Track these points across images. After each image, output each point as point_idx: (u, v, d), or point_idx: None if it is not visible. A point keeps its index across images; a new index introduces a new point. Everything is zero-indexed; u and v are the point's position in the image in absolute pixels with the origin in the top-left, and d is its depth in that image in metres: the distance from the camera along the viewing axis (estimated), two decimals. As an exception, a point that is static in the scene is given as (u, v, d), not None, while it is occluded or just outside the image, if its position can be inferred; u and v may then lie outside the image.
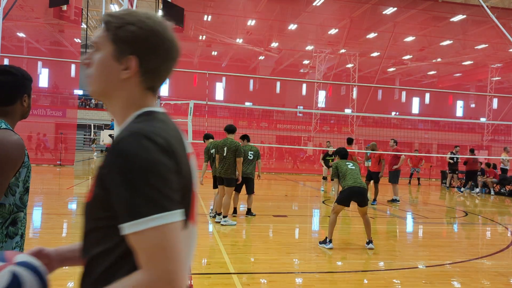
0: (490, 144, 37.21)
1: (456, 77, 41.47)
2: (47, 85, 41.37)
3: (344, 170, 6.59)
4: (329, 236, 6.36)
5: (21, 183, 1.92)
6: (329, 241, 6.32)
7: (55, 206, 9.36)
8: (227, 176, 7.66)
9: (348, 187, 6.38)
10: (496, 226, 9.47)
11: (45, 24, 31.49)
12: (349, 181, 6.41)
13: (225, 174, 7.66)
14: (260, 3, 25.77)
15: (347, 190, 6.39)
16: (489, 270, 5.68)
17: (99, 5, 27.69)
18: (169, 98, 36.93)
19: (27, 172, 1.95)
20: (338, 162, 6.80)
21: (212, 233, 7.21)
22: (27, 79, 2.01)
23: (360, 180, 6.48)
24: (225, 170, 7.63)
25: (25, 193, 1.96)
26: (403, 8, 25.44)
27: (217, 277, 4.80)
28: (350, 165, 6.66)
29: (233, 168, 7.65)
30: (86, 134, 34.84)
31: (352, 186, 6.35)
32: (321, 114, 35.10)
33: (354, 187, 6.34)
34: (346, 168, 6.60)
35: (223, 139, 7.87)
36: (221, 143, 7.81)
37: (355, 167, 6.65)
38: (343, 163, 6.73)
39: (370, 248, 6.32)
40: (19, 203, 1.93)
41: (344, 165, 6.67)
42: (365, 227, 6.50)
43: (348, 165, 6.68)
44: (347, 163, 6.73)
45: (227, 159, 7.63)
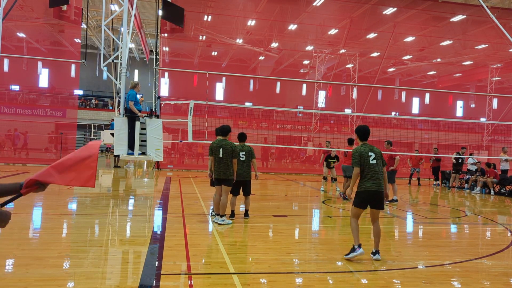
0: (490, 144, 37.22)
1: (456, 77, 41.48)
2: (47, 85, 41.36)
3: (365, 164, 5.66)
4: (355, 242, 5.70)
5: None
6: (358, 246, 5.65)
7: (55, 206, 9.36)
8: (226, 177, 7.64)
9: (365, 189, 5.64)
10: (496, 226, 9.47)
11: (45, 24, 31.50)
12: (367, 182, 5.63)
13: (224, 176, 7.62)
14: (260, 3, 25.77)
15: (364, 192, 5.65)
16: (489, 270, 5.68)
17: (99, 5, 27.69)
18: (169, 98, 36.96)
19: None
20: (360, 148, 5.78)
21: (212, 233, 7.21)
22: None
23: (380, 180, 5.68)
24: (224, 172, 7.61)
25: None
26: (403, 8, 25.45)
27: (217, 277, 4.80)
28: (372, 158, 5.69)
29: (231, 169, 7.65)
30: (86, 134, 34.82)
31: (370, 188, 5.60)
32: (321, 114, 35.10)
33: (370, 190, 5.60)
34: (368, 162, 5.66)
35: (218, 140, 7.80)
36: (216, 144, 7.71)
37: (376, 161, 5.71)
38: (366, 152, 5.70)
39: (376, 259, 5.67)
40: None
41: (366, 156, 5.69)
42: (374, 235, 5.81)
43: (370, 157, 5.69)
44: (370, 154, 5.69)
45: (223, 160, 7.59)
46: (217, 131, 8.03)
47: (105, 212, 9.11)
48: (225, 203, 7.76)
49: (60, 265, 4.99)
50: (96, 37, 33.40)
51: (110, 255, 5.66)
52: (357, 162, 5.65)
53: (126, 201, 11.00)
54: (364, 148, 5.74)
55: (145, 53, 25.38)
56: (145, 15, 27.55)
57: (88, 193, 12.28)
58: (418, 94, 49.06)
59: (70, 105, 37.21)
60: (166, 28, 20.46)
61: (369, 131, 5.87)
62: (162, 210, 9.37)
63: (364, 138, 5.86)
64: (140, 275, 4.72)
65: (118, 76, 13.65)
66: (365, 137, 5.86)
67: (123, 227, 7.63)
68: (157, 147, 10.66)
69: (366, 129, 5.88)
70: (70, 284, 4.45)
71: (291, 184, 17.75)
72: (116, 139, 10.64)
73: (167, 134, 27.26)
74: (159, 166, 21.69)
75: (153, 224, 8.14)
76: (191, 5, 24.78)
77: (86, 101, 39.16)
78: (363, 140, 5.87)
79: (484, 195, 16.15)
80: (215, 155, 7.67)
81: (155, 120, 10.83)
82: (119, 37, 16.39)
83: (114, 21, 19.57)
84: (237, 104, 34.58)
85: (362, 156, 5.66)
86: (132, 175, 18.76)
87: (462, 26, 27.55)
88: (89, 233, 7.01)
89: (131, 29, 14.92)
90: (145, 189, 14.48)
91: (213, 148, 7.70)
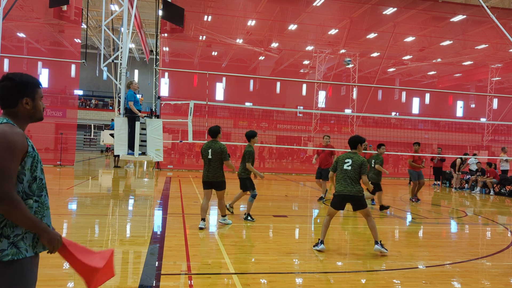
0: (490, 144, 37.24)
1: (456, 77, 41.50)
2: (47, 85, 41.36)
3: (340, 169, 6.27)
4: (321, 237, 6.23)
5: (28, 172, 2.18)
6: (321, 242, 6.15)
7: (55, 206, 9.36)
8: (217, 180, 7.36)
9: (338, 192, 6.18)
10: (496, 226, 9.47)
11: (45, 24, 31.51)
12: (340, 185, 6.17)
13: (213, 178, 7.34)
14: (260, 3, 25.77)
15: (337, 196, 6.20)
16: (489, 270, 5.68)
17: (99, 5, 27.69)
18: (169, 98, 36.98)
19: (33, 161, 2.21)
20: (340, 156, 6.41)
21: (212, 233, 7.21)
22: (27, 84, 2.25)
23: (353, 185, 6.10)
24: (213, 174, 7.33)
25: (33, 182, 2.20)
26: (403, 8, 25.46)
27: (217, 277, 4.80)
28: (347, 164, 6.22)
29: (221, 171, 7.36)
30: (86, 134, 34.84)
31: (342, 192, 6.12)
32: (321, 114, 35.11)
33: (344, 194, 6.11)
34: (342, 168, 6.24)
35: (208, 141, 7.51)
36: (206, 146, 7.43)
37: (351, 168, 6.17)
38: (343, 158, 6.30)
39: (377, 250, 6.02)
40: (27, 191, 2.17)
41: (342, 162, 6.28)
42: (370, 229, 6.22)
43: (346, 163, 6.23)
44: (347, 160, 6.26)
45: (212, 162, 7.30)
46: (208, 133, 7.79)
47: (105, 212, 9.11)
48: (223, 204, 7.66)
49: (60, 265, 4.99)
50: (96, 37, 33.40)
51: (110, 255, 5.65)
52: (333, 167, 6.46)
53: (126, 201, 11.00)
54: (342, 157, 6.35)
55: (145, 53, 25.38)
56: (145, 15, 27.55)
57: (88, 193, 12.29)
58: (418, 94, 49.08)
59: (70, 105, 37.22)
60: (166, 28, 20.45)
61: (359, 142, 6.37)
62: (162, 210, 9.37)
63: (354, 148, 6.38)
64: (140, 275, 4.72)
65: (118, 76, 13.66)
66: (354, 147, 6.37)
67: (123, 227, 7.63)
68: (157, 147, 10.66)
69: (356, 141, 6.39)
70: (70, 284, 4.45)
71: (291, 184, 17.75)
72: (116, 139, 10.65)
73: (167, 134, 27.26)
74: (159, 166, 21.69)
75: (153, 224, 8.14)
76: (191, 5, 24.79)
77: (86, 101, 39.17)
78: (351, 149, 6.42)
79: (484, 195, 16.15)
80: (204, 157, 7.40)
81: (155, 120, 10.84)
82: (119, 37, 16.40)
83: (114, 21, 19.58)
84: (237, 104, 34.57)
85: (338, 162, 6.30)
86: (132, 175, 18.77)
87: (462, 26, 27.55)
88: (89, 233, 7.01)
89: (131, 29, 14.92)
90: (145, 189, 14.48)
91: (203, 150, 7.44)
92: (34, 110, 2.28)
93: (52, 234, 2.21)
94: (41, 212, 2.22)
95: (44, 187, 2.27)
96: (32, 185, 2.19)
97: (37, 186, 2.21)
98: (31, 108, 2.27)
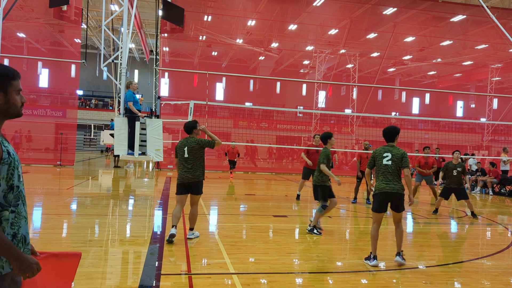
0: (490, 144, 37.23)
1: (456, 77, 41.49)
2: (47, 85, 41.38)
3: (379, 164, 5.63)
4: (373, 252, 5.61)
5: (3, 181, 1.93)
6: (374, 257, 5.56)
7: (55, 206, 9.36)
8: (195, 180, 6.42)
9: (379, 191, 5.58)
10: (496, 226, 9.47)
11: (45, 25, 31.51)
12: (381, 182, 5.56)
13: (192, 179, 6.40)
14: (260, 3, 25.77)
15: (378, 194, 5.59)
16: (489, 270, 5.68)
17: (99, 5, 27.69)
18: (169, 98, 36.98)
19: (9, 169, 1.95)
20: (377, 149, 5.77)
21: (212, 233, 7.20)
22: None
23: (395, 182, 5.54)
24: (192, 174, 6.40)
25: (9, 192, 1.95)
26: (403, 8, 25.45)
27: (217, 277, 4.80)
28: (387, 159, 5.58)
29: (200, 169, 6.48)
30: (86, 134, 34.84)
31: (384, 190, 5.53)
32: (321, 114, 35.10)
33: (385, 192, 5.52)
34: (381, 163, 5.61)
35: (183, 138, 6.67)
36: (180, 143, 6.58)
37: (391, 162, 5.57)
38: (381, 153, 5.65)
39: (397, 261, 5.57)
40: (3, 202, 1.92)
41: (380, 157, 5.63)
42: (396, 236, 5.73)
43: (385, 157, 5.60)
44: (385, 154, 5.62)
45: (189, 161, 6.42)
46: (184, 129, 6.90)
47: (105, 212, 9.11)
48: (196, 215, 6.65)
49: (60, 265, 4.98)
50: (96, 37, 33.40)
51: (110, 255, 5.66)
52: (370, 164, 5.76)
53: (126, 201, 11.00)
54: (380, 150, 5.71)
55: (145, 53, 25.38)
56: (145, 15, 27.55)
57: (88, 193, 12.29)
58: (418, 94, 49.07)
59: (70, 105, 37.22)
60: (166, 28, 20.45)
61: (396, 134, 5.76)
62: (162, 210, 9.37)
63: (391, 141, 5.77)
64: (140, 275, 4.72)
65: (118, 76, 13.66)
66: (392, 140, 5.76)
67: (123, 227, 7.63)
68: (157, 147, 10.67)
69: (394, 133, 5.78)
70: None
71: (291, 184, 17.74)
72: (116, 139, 10.65)
73: (167, 134, 27.27)
74: (159, 166, 21.69)
75: (153, 224, 8.14)
76: (191, 5, 24.78)
77: (86, 101, 39.18)
78: (387, 142, 5.81)
79: (484, 195, 16.15)
80: (179, 156, 6.51)
81: (155, 120, 10.84)
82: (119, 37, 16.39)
83: (114, 21, 19.58)
84: (237, 104, 34.56)
85: (377, 157, 5.68)
86: (132, 175, 18.76)
87: (462, 26, 27.54)
88: (89, 233, 7.00)
89: (131, 29, 14.92)
90: (145, 189, 14.48)
91: (178, 148, 6.54)
92: (7, 105, 1.98)
93: (24, 261, 1.93)
94: (18, 223, 1.99)
95: (20, 195, 2.02)
96: (7, 195, 1.94)
97: (14, 196, 1.97)
98: (3, 103, 1.97)
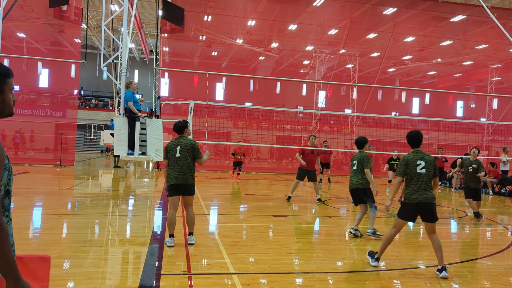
0: (490, 144, 37.24)
1: (456, 77, 41.50)
2: (47, 85, 41.38)
3: (412, 172, 5.23)
4: (379, 253, 5.49)
5: (3, 187, 1.86)
6: (376, 258, 5.45)
7: (55, 206, 9.36)
8: (187, 182, 6.11)
9: (410, 201, 5.22)
10: (496, 226, 9.47)
11: (45, 25, 31.51)
12: (414, 192, 5.19)
13: (183, 180, 6.08)
14: (260, 3, 25.78)
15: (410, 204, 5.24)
16: (489, 270, 5.68)
17: (99, 5, 27.69)
18: (169, 98, 36.99)
19: (8, 174, 1.88)
20: (408, 156, 5.35)
21: (212, 233, 7.20)
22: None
23: (428, 191, 5.20)
24: (183, 175, 6.08)
25: (6, 197, 1.89)
26: (403, 8, 25.46)
27: (217, 277, 4.80)
28: (420, 167, 5.21)
29: (191, 171, 6.17)
30: (86, 134, 34.85)
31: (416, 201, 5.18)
32: (321, 114, 35.10)
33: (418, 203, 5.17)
34: (415, 171, 5.22)
35: (174, 138, 6.34)
36: (172, 143, 6.23)
37: (425, 170, 5.20)
38: (413, 160, 5.25)
39: (443, 277, 5.08)
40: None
41: (414, 165, 5.24)
42: (435, 250, 5.27)
43: (419, 165, 5.22)
44: (419, 162, 5.23)
45: (181, 161, 6.09)
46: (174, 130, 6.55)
47: (105, 212, 9.11)
48: (193, 217, 6.36)
49: (60, 265, 4.99)
50: (96, 37, 33.40)
51: (110, 255, 5.66)
52: (401, 171, 5.33)
53: (126, 201, 11.00)
54: (412, 156, 5.33)
55: (145, 53, 25.38)
56: (145, 15, 27.56)
57: (88, 193, 12.29)
58: (418, 94, 49.08)
59: (70, 105, 37.22)
60: (166, 28, 20.46)
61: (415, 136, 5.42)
62: (162, 210, 9.37)
63: (416, 146, 5.42)
64: (140, 275, 4.72)
65: (118, 76, 13.66)
66: (417, 145, 5.41)
67: (123, 227, 7.63)
68: (157, 147, 10.67)
69: (419, 138, 5.40)
70: (70, 284, 4.45)
71: (291, 184, 17.72)
72: (116, 139, 10.65)
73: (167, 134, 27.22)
74: (159, 166, 21.69)
75: (153, 224, 8.14)
76: (191, 5, 24.79)
77: (86, 101, 39.18)
78: (413, 147, 5.46)
79: (484, 195, 16.15)
80: (170, 155, 6.16)
81: (155, 120, 10.84)
82: (119, 37, 16.40)
83: (114, 21, 19.59)
84: (237, 104, 34.58)
85: (408, 165, 5.28)
86: (132, 175, 18.76)
87: (462, 26, 27.55)
88: (89, 233, 7.00)
89: (131, 29, 14.93)
90: (145, 189, 14.48)
91: (169, 148, 6.21)
92: (2, 105, 1.86)
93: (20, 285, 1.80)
94: (8, 228, 1.94)
95: (10, 199, 1.97)
96: (4, 200, 1.88)
97: (9, 201, 1.93)
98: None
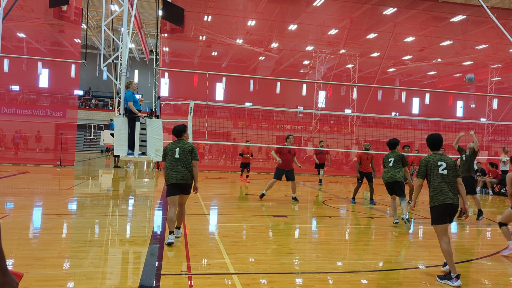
0: (490, 145, 37.22)
1: (456, 77, 41.48)
2: (47, 85, 41.37)
3: (434, 174, 5.14)
4: (452, 270, 4.90)
5: None
6: (456, 276, 4.83)
7: (55, 206, 9.36)
8: (186, 182, 6.27)
9: (439, 202, 5.08)
10: (496, 226, 9.46)
11: (45, 25, 31.50)
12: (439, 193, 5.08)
13: (183, 180, 6.21)
14: (260, 3, 25.78)
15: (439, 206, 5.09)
16: (489, 270, 5.68)
17: (99, 5, 27.69)
18: (169, 98, 36.99)
19: None
20: (428, 157, 5.26)
21: (212, 233, 7.20)
22: None
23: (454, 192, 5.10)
24: (183, 175, 6.20)
25: None
26: (403, 9, 25.46)
27: (217, 277, 4.80)
28: (442, 168, 5.13)
29: (190, 172, 6.29)
30: (86, 134, 34.84)
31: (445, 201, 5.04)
32: (321, 115, 35.09)
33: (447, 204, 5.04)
34: (437, 172, 5.13)
35: (174, 141, 6.49)
36: (171, 144, 6.39)
37: (447, 171, 5.13)
38: (434, 161, 5.16)
39: (457, 286, 4.77)
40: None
41: (435, 166, 5.15)
42: (445, 255, 5.09)
43: (440, 166, 5.14)
44: (440, 163, 5.14)
45: (180, 161, 6.22)
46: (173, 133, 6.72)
47: (105, 212, 9.11)
48: (184, 214, 6.62)
49: (60, 265, 4.99)
50: (96, 37, 33.40)
51: (110, 255, 5.66)
52: (422, 173, 5.26)
53: (126, 201, 11.00)
54: (433, 157, 5.25)
55: (145, 53, 25.38)
56: (145, 15, 27.56)
57: (88, 193, 12.29)
58: (418, 94, 49.08)
59: (70, 105, 37.21)
60: (166, 28, 20.46)
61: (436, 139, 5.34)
62: (162, 210, 9.37)
63: (435, 149, 5.37)
64: (140, 275, 4.72)
65: (118, 76, 13.66)
66: (437, 148, 5.35)
67: (123, 227, 7.63)
68: (157, 147, 10.67)
69: (440, 141, 5.34)
70: (70, 284, 4.45)
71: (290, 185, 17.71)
72: (116, 139, 10.65)
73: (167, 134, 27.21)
74: (159, 166, 21.69)
75: (153, 224, 8.14)
76: (191, 5, 24.80)
77: (86, 101, 39.19)
78: (433, 150, 5.39)
79: (484, 195, 16.15)
80: (169, 156, 6.30)
81: (155, 120, 10.84)
82: (119, 37, 16.40)
83: (114, 21, 19.59)
84: (237, 104, 34.56)
85: (430, 166, 5.19)
86: (132, 175, 18.76)
87: (462, 26, 27.56)
88: (89, 233, 7.00)
89: (131, 29, 14.93)
90: (145, 189, 14.48)
91: (168, 149, 6.35)
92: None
93: (8, 278, 1.77)
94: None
95: None
96: None
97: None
98: None
